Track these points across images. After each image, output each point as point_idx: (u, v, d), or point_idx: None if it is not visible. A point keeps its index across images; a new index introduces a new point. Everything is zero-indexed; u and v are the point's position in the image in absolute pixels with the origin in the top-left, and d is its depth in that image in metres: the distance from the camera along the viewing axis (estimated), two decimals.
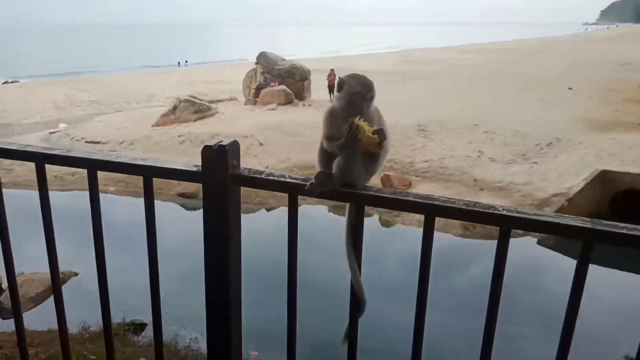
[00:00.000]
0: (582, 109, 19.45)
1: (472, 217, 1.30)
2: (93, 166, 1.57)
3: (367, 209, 1.55)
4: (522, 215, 1.20)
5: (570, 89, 24.06)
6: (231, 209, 1.46)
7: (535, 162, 14.56)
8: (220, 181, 1.41)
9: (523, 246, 11.06)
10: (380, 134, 1.52)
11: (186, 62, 54.55)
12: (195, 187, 14.57)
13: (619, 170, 12.68)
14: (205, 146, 1.40)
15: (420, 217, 1.55)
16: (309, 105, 22.34)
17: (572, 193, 12.31)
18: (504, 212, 1.23)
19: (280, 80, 23.38)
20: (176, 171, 1.51)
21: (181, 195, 14.46)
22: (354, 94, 1.61)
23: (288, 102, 21.90)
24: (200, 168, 1.43)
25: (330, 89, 23.28)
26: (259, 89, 23.01)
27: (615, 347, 8.10)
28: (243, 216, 1.60)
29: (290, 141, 16.54)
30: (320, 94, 24.02)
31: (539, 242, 11.59)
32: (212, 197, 1.44)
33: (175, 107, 19.23)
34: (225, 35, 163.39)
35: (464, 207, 1.29)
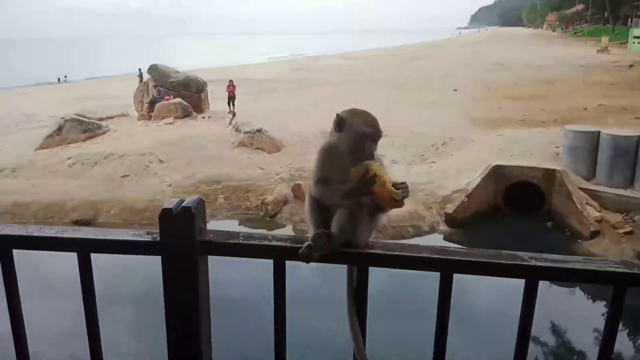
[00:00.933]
0: (469, 108, 20.77)
1: (494, 270, 1.14)
2: (6, 244, 1.20)
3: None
4: (549, 265, 1.07)
5: (455, 90, 25.63)
6: (201, 284, 1.17)
7: (433, 162, 15.24)
8: (186, 252, 1.12)
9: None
10: (404, 189, 1.33)
11: (65, 77, 50.62)
12: (92, 213, 13.49)
13: (509, 164, 13.61)
14: (164, 209, 1.11)
15: None
16: (209, 117, 21.65)
17: (470, 188, 12.99)
18: (532, 263, 1.09)
19: (175, 93, 22.44)
20: (124, 243, 1.19)
21: (76, 222, 13.28)
22: (362, 136, 1.43)
23: (186, 115, 21.06)
24: (158, 237, 1.13)
25: (230, 100, 22.69)
26: (152, 103, 21.89)
27: None
28: None
29: (193, 156, 15.86)
30: (219, 106, 23.41)
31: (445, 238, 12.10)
32: (176, 271, 1.14)
33: (60, 128, 17.67)
34: (108, 49, 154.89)
35: (485, 259, 1.12)
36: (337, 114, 1.51)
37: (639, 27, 48.04)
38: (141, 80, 36.58)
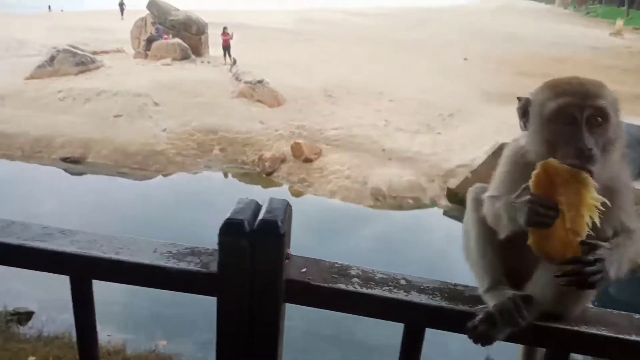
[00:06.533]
0: (478, 80, 20.12)
1: None
2: None
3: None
4: None
5: (465, 59, 24.84)
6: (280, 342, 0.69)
7: (439, 133, 14.75)
8: (262, 299, 0.65)
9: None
10: (593, 250, 0.81)
11: (62, 10, 47.59)
12: (81, 152, 12.92)
13: None
14: (228, 222, 0.63)
15: (334, 187, 0.91)
16: (208, 62, 20.76)
17: (475, 165, 12.58)
18: None
19: (174, 33, 21.42)
20: (148, 271, 0.68)
21: (65, 159, 12.74)
22: (551, 117, 0.92)
23: (184, 57, 20.14)
24: (216, 268, 0.65)
25: (225, 49, 21.03)
26: (150, 41, 20.90)
27: None
28: None
29: (189, 102, 15.18)
30: (219, 51, 22.42)
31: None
32: (240, 325, 0.66)
33: (53, 58, 16.78)
34: None
35: None
36: (519, 98, 1.00)
37: None
38: (122, 12, 35.13)
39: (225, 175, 13.37)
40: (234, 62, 19.52)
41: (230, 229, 0.63)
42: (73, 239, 0.69)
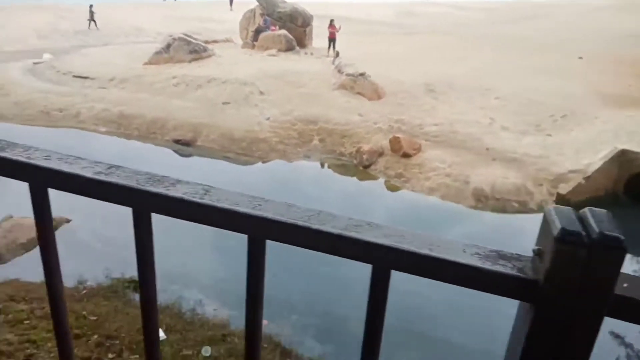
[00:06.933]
0: (595, 81, 18.71)
1: None
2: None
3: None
4: None
5: (580, 58, 23.21)
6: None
7: (549, 135, 13.93)
8: (588, 311, 0.62)
9: None
10: None
11: (175, 0, 50.56)
12: (192, 135, 13.65)
13: (638, 151, 12.12)
14: (565, 230, 0.60)
15: (433, 184, 0.87)
16: (311, 53, 21.08)
17: (590, 171, 11.76)
18: None
19: (281, 24, 21.96)
20: (476, 271, 0.66)
21: (177, 141, 13.53)
22: None
23: (289, 48, 20.60)
24: (539, 275, 0.63)
25: (330, 41, 21.12)
26: (257, 32, 21.60)
27: None
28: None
29: (292, 92, 15.52)
30: (321, 42, 22.69)
31: None
32: (560, 340, 0.64)
33: (169, 45, 17.87)
34: None
35: None
36: None
37: None
38: (231, 3, 36.63)
39: (322, 166, 13.54)
40: (337, 54, 19.65)
41: (569, 238, 0.60)
42: (384, 232, 0.71)
